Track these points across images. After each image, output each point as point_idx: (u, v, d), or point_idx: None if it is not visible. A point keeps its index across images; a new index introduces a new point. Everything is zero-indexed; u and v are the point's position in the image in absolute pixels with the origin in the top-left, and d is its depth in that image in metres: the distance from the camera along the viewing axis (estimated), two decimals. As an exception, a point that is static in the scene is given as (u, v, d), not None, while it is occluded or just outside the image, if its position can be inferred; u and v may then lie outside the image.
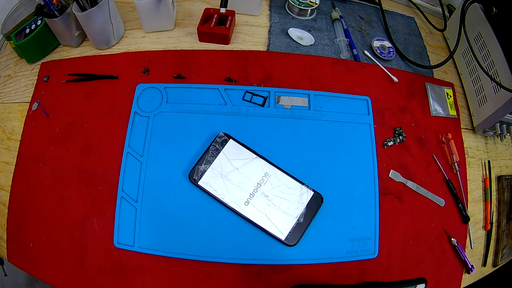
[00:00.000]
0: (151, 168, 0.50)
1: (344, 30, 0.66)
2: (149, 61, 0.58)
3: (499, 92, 0.53)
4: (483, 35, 0.58)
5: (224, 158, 0.48)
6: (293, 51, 0.62)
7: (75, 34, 0.59)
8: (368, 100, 0.57)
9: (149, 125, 0.53)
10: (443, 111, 0.59)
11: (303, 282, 0.46)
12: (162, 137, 0.52)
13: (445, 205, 0.53)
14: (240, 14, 0.64)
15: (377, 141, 0.54)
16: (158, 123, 0.53)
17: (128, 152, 0.51)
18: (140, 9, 0.58)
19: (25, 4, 0.60)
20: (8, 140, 0.55)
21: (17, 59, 0.62)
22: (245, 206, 0.47)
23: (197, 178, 0.48)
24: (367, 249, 0.48)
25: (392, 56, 0.63)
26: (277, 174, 0.48)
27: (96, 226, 0.48)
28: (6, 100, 0.58)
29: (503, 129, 0.55)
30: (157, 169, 0.50)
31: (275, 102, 0.55)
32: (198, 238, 0.47)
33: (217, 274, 0.46)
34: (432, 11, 0.74)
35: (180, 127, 0.53)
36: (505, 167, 0.60)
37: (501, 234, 0.55)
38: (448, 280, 0.51)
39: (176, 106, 0.54)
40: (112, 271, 0.46)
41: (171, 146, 0.51)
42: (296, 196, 0.47)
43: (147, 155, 0.51)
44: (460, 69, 0.65)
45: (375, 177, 0.51)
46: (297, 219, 0.46)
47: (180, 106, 0.54)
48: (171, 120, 0.53)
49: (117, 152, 0.51)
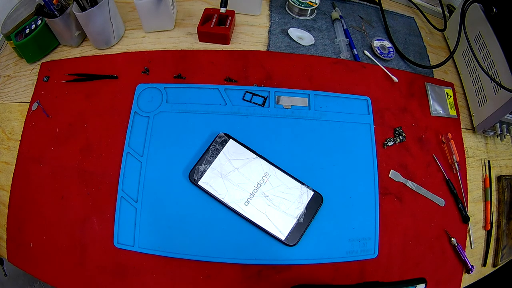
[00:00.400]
0: (151, 168, 0.50)
1: (344, 30, 0.66)
2: (149, 61, 0.58)
3: (499, 92, 0.53)
4: (483, 35, 0.58)
5: (224, 158, 0.48)
6: (293, 51, 0.62)
7: (75, 34, 0.59)
8: (368, 100, 0.57)
9: (149, 125, 0.53)
10: (443, 111, 0.59)
11: (303, 282, 0.46)
12: (162, 137, 0.52)
13: (445, 205, 0.53)
14: (240, 14, 0.64)
15: (377, 141, 0.54)
16: (158, 123, 0.53)
17: (128, 152, 0.51)
18: (140, 9, 0.58)
19: (25, 4, 0.60)
20: (8, 140, 0.55)
21: (17, 59, 0.62)
22: (245, 206, 0.47)
23: (197, 178, 0.48)
24: (367, 249, 0.48)
25: (392, 56, 0.63)
26: (277, 174, 0.48)
27: (96, 226, 0.48)
28: (6, 100, 0.58)
29: (503, 129, 0.55)
30: (157, 169, 0.50)
31: (275, 102, 0.55)
32: (198, 238, 0.47)
33: (217, 274, 0.46)
34: (432, 11, 0.74)
35: (180, 127, 0.53)
36: (505, 167, 0.60)
37: (501, 234, 0.55)
38: (448, 280, 0.51)
39: (176, 106, 0.54)
40: (112, 271, 0.46)
41: (171, 146, 0.51)
42: (296, 196, 0.47)
43: (147, 155, 0.51)
44: (460, 69, 0.65)
45: (375, 177, 0.51)
46: (297, 219, 0.46)
47: (180, 106, 0.54)
48: (171, 120, 0.53)
49: (117, 152, 0.51)
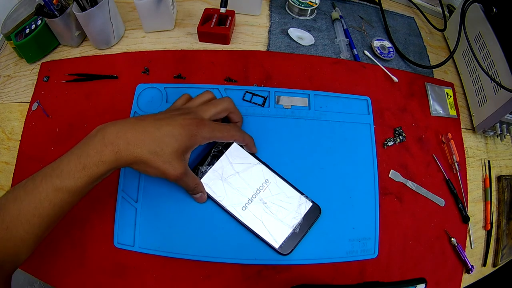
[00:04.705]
0: (151, 168, 0.50)
1: (344, 30, 0.66)
2: (149, 61, 0.58)
3: (499, 92, 0.53)
4: (483, 35, 0.58)
5: (226, 161, 0.48)
6: (293, 51, 0.62)
7: (75, 34, 0.59)
8: (368, 100, 0.57)
9: (149, 125, 0.53)
10: (443, 111, 0.60)
11: (303, 282, 0.46)
12: (162, 137, 0.52)
13: (445, 205, 0.53)
14: (240, 14, 0.64)
15: (377, 141, 0.54)
16: (158, 123, 0.53)
17: (128, 152, 0.51)
18: (140, 9, 0.58)
19: (25, 4, 0.60)
20: (8, 140, 0.55)
21: (17, 59, 0.62)
22: (242, 211, 0.46)
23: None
24: (367, 249, 0.48)
25: (392, 56, 0.63)
26: (277, 182, 0.48)
27: (96, 226, 0.48)
28: (6, 100, 0.58)
29: (503, 129, 0.55)
30: (157, 169, 0.50)
31: (275, 102, 0.55)
32: (198, 238, 0.47)
33: (217, 274, 0.46)
34: (432, 11, 0.74)
35: (180, 127, 0.53)
36: (505, 167, 0.60)
37: (501, 234, 0.55)
38: (448, 280, 0.51)
39: (176, 106, 0.54)
40: (112, 271, 0.46)
41: (171, 146, 0.51)
42: (295, 205, 0.47)
43: (147, 155, 0.51)
44: (460, 69, 0.65)
45: (375, 177, 0.51)
46: (292, 229, 0.46)
47: (180, 106, 0.54)
48: (171, 120, 0.53)
49: (117, 152, 0.51)
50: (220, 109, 0.45)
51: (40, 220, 0.36)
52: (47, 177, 0.36)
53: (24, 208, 0.35)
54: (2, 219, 0.35)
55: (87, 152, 0.36)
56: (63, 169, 0.36)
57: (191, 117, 0.42)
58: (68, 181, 0.36)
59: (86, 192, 0.39)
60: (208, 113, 0.44)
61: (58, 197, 0.36)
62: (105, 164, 0.36)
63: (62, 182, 0.35)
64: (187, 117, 0.41)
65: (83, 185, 0.36)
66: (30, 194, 0.35)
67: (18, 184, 0.37)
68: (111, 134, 0.37)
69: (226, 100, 0.46)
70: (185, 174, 0.41)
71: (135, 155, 0.37)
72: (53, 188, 0.35)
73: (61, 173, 0.36)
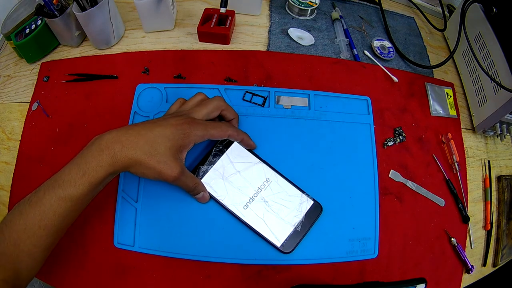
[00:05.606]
0: (151, 168, 0.50)
1: (344, 30, 0.66)
2: (149, 61, 0.58)
3: (499, 92, 0.53)
4: (483, 35, 0.58)
5: (227, 160, 0.48)
6: (293, 51, 0.62)
7: (75, 34, 0.59)
8: (368, 100, 0.57)
9: (149, 125, 0.53)
10: (443, 111, 0.60)
11: (303, 282, 0.46)
12: (162, 137, 0.52)
13: (445, 205, 0.53)
14: (240, 14, 0.64)
15: (377, 141, 0.54)
16: (158, 123, 0.53)
17: (128, 152, 0.51)
18: (140, 9, 0.58)
19: (25, 4, 0.60)
20: (8, 140, 0.55)
21: (17, 59, 0.62)
22: (244, 210, 0.46)
23: (198, 177, 0.48)
24: (367, 249, 0.48)
25: (392, 56, 0.63)
26: (278, 181, 0.48)
27: (96, 226, 0.48)
28: (6, 100, 0.58)
29: (503, 129, 0.55)
30: (157, 169, 0.50)
31: (275, 102, 0.55)
32: (198, 238, 0.47)
33: (217, 274, 0.46)
34: (432, 11, 0.74)
35: (180, 127, 0.53)
36: (505, 167, 0.60)
37: (501, 234, 0.55)
38: (448, 280, 0.51)
39: (176, 106, 0.54)
40: (112, 271, 0.46)
41: (171, 146, 0.51)
42: (296, 204, 0.47)
43: (147, 155, 0.51)
44: (460, 69, 0.65)
45: (375, 177, 0.51)
46: (294, 227, 0.46)
47: (180, 106, 0.54)
48: (171, 120, 0.53)
49: (117, 152, 0.51)
50: (211, 108, 0.46)
51: (46, 232, 0.37)
52: (49, 188, 0.37)
53: (30, 221, 0.36)
54: (9, 235, 0.36)
55: (85, 159, 0.38)
56: (64, 179, 0.37)
57: (183, 118, 0.43)
58: (70, 189, 0.37)
59: (89, 199, 0.40)
60: (200, 114, 0.45)
61: (62, 206, 0.37)
62: (102, 169, 0.38)
63: (65, 191, 0.37)
64: (180, 118, 0.43)
65: (85, 191, 0.37)
66: (35, 207, 0.36)
67: (23, 199, 0.38)
68: (107, 140, 0.38)
69: (216, 99, 0.47)
70: (182, 173, 0.41)
71: (129, 156, 0.38)
72: (57, 198, 0.36)
73: (63, 183, 0.37)
